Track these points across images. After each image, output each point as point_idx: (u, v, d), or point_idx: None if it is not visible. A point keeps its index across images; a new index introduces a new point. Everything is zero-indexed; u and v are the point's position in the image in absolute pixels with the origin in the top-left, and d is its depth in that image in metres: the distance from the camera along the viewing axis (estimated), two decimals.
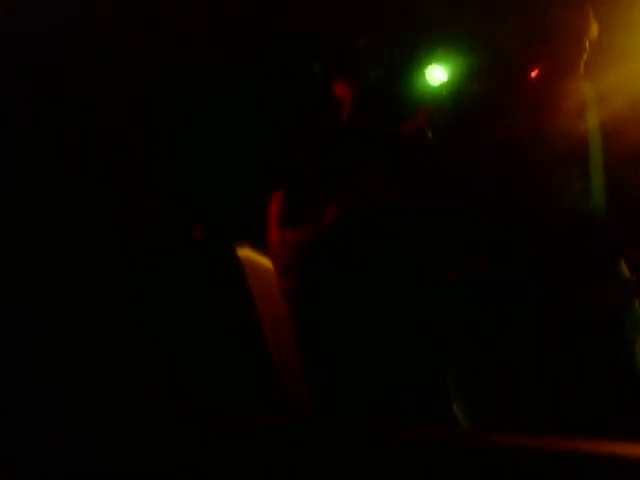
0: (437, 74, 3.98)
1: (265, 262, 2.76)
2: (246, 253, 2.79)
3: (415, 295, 2.72)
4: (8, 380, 2.48)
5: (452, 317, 2.76)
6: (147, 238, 2.77)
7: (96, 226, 2.87)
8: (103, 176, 3.30)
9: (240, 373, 2.44)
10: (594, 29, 3.01)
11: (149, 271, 2.56)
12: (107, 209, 3.02)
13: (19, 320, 2.66)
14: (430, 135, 2.97)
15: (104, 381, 2.59)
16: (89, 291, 2.70)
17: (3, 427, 2.38)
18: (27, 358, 2.58)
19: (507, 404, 2.72)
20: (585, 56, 2.98)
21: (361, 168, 2.73)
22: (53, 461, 2.36)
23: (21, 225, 2.94)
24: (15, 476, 2.31)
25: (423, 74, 3.97)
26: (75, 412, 2.46)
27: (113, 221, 2.92)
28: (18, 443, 2.37)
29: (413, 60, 3.82)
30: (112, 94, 3.49)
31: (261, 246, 2.80)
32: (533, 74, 3.02)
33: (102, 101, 3.49)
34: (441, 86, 3.91)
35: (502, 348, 2.77)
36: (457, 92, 3.79)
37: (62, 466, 2.35)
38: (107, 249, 2.77)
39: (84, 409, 2.47)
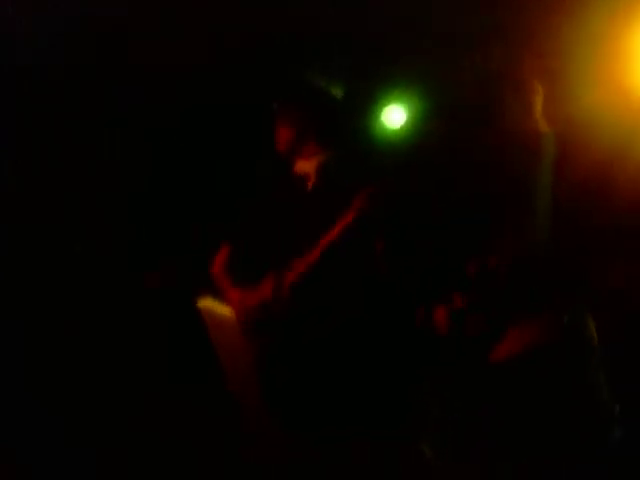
0: (395, 115, 4.01)
1: (226, 311, 2.80)
2: (207, 303, 2.84)
3: (384, 340, 2.76)
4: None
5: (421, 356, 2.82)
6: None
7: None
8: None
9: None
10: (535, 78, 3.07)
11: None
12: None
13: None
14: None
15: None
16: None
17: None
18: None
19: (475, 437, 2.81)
20: (536, 100, 3.03)
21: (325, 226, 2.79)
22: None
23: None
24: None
25: (380, 115, 3.96)
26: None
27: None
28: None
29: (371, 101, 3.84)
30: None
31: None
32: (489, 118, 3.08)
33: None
34: (399, 127, 3.92)
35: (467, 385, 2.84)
36: (415, 132, 3.83)
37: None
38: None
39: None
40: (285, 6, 3.49)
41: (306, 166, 2.89)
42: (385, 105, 3.98)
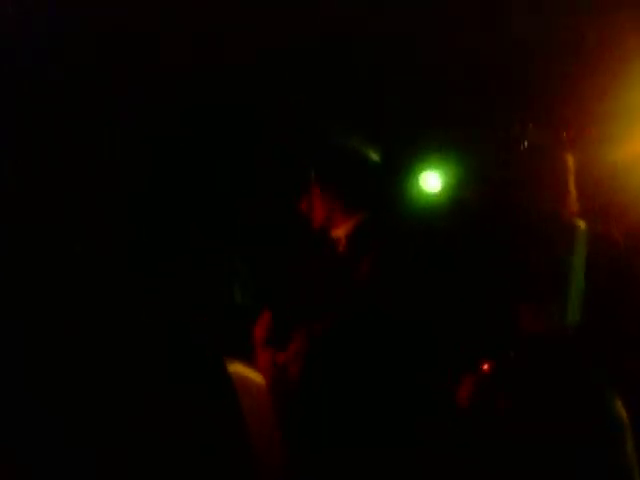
0: (431, 181, 4.04)
1: (256, 377, 2.79)
2: (237, 369, 2.82)
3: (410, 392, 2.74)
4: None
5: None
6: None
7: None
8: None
9: None
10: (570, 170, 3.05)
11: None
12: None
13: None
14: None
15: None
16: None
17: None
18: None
19: None
20: (571, 194, 3.02)
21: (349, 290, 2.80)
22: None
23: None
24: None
25: (417, 181, 4.01)
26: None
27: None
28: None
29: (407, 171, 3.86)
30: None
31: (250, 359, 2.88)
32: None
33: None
34: (435, 193, 3.96)
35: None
36: (450, 199, 3.85)
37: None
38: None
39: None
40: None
41: (339, 231, 2.95)
42: (422, 171, 4.02)
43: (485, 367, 2.85)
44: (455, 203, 3.87)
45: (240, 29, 3.55)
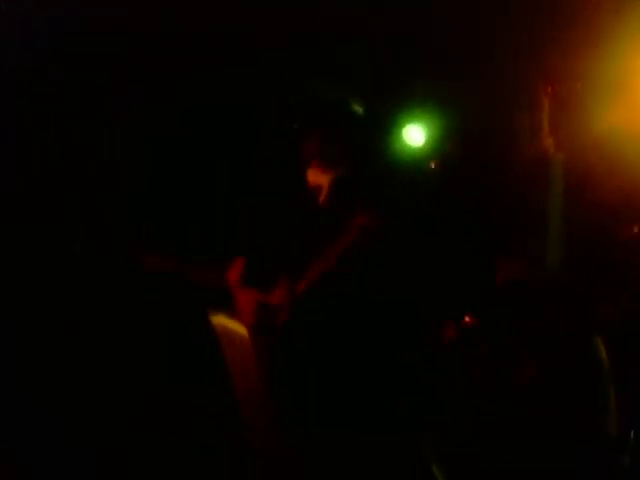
0: (415, 134, 4.07)
1: (239, 328, 2.81)
2: (220, 320, 2.84)
3: (396, 357, 2.75)
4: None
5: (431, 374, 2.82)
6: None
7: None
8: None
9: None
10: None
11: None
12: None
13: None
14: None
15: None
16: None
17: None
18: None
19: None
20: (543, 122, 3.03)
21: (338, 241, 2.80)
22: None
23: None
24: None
25: (401, 134, 4.02)
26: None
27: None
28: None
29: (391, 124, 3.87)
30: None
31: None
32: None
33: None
34: (419, 146, 3.98)
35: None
36: (433, 152, 3.88)
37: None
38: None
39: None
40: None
41: (321, 179, 2.95)
42: (405, 124, 4.02)
43: (467, 319, 2.91)
44: (438, 156, 3.89)
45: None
